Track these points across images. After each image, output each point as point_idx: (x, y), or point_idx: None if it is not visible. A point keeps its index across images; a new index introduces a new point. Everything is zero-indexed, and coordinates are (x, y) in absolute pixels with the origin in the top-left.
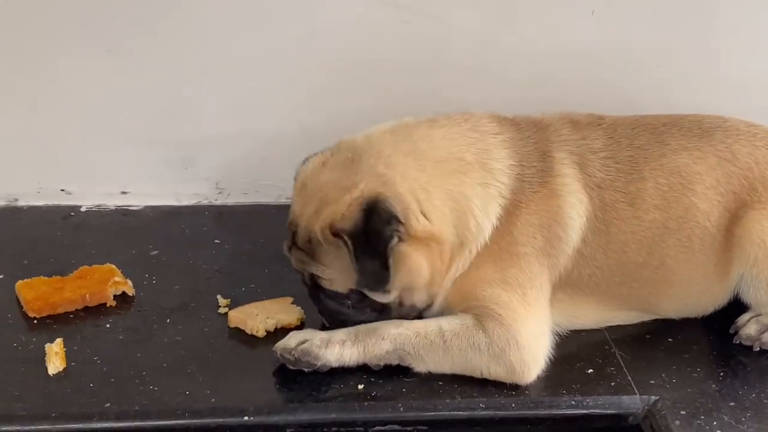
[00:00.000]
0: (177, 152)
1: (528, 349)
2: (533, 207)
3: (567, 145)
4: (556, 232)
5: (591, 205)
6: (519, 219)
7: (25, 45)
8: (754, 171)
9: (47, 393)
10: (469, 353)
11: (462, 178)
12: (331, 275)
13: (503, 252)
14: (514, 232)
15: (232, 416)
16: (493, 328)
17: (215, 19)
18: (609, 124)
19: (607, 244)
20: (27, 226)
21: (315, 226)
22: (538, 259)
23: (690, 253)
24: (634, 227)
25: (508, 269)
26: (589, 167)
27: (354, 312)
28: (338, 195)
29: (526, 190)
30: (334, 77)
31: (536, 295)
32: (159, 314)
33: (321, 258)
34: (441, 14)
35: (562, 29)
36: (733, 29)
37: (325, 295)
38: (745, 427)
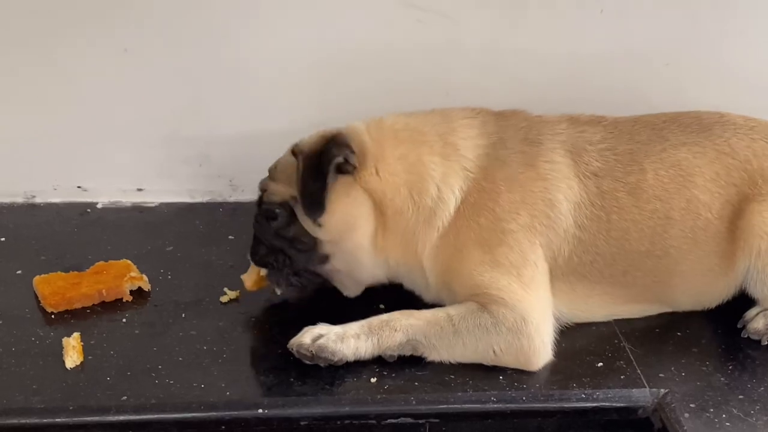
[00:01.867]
0: (191, 150)
1: (535, 327)
2: (516, 186)
3: (560, 136)
4: (543, 210)
5: (585, 192)
6: (500, 197)
7: (43, 45)
8: (752, 163)
9: (65, 386)
10: (478, 334)
11: (419, 146)
12: (272, 187)
13: (485, 230)
14: (495, 210)
15: (247, 409)
16: (497, 309)
17: (230, 21)
18: (609, 122)
19: (608, 231)
20: (44, 223)
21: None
22: (526, 236)
23: (693, 243)
24: (635, 216)
25: (496, 248)
26: (584, 157)
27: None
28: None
29: (505, 169)
30: (345, 77)
31: (532, 273)
32: (174, 309)
33: (274, 174)
34: (453, 14)
35: (572, 28)
36: (743, 28)
37: (259, 213)
38: (753, 419)
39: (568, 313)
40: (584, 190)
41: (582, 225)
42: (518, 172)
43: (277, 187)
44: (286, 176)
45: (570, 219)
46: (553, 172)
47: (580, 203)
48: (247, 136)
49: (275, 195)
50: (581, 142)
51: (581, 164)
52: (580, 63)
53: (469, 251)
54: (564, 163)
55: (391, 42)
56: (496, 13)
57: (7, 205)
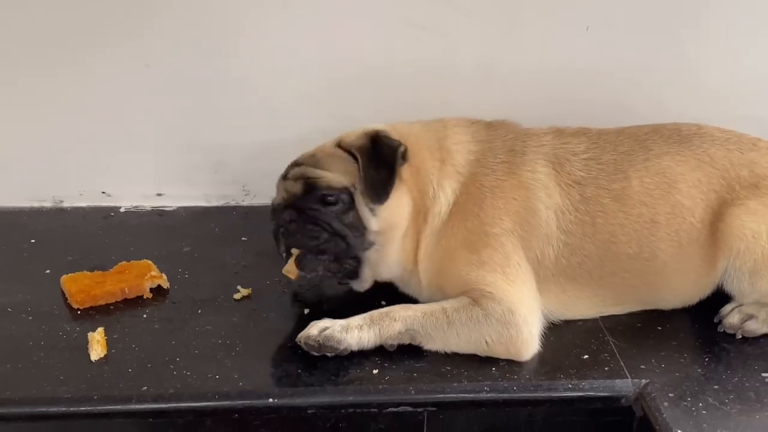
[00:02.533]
0: (208, 158)
1: (523, 318)
2: (499, 193)
3: (543, 148)
4: (524, 217)
5: (567, 200)
6: (484, 203)
7: (71, 61)
8: (730, 171)
9: (90, 377)
10: (470, 325)
11: (422, 151)
12: (329, 175)
13: (472, 234)
14: (480, 215)
15: (259, 398)
16: (486, 303)
17: (244, 38)
18: (594, 133)
19: (594, 234)
20: (71, 226)
21: (323, 146)
22: (509, 240)
23: (679, 246)
24: (621, 220)
25: (481, 250)
26: (566, 167)
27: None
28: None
29: (490, 177)
30: (352, 89)
31: (516, 272)
32: (191, 305)
33: (324, 164)
34: (450, 32)
35: (560, 45)
36: (718, 44)
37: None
38: (728, 408)
39: (558, 312)
40: (567, 198)
41: (567, 229)
42: (502, 180)
43: (333, 175)
44: (341, 167)
45: (552, 224)
46: (534, 181)
47: (562, 209)
48: (259, 145)
49: (334, 182)
50: (564, 153)
51: (563, 174)
52: (567, 77)
53: (458, 252)
54: (545, 172)
55: (392, 58)
56: (489, 32)
57: (36, 209)
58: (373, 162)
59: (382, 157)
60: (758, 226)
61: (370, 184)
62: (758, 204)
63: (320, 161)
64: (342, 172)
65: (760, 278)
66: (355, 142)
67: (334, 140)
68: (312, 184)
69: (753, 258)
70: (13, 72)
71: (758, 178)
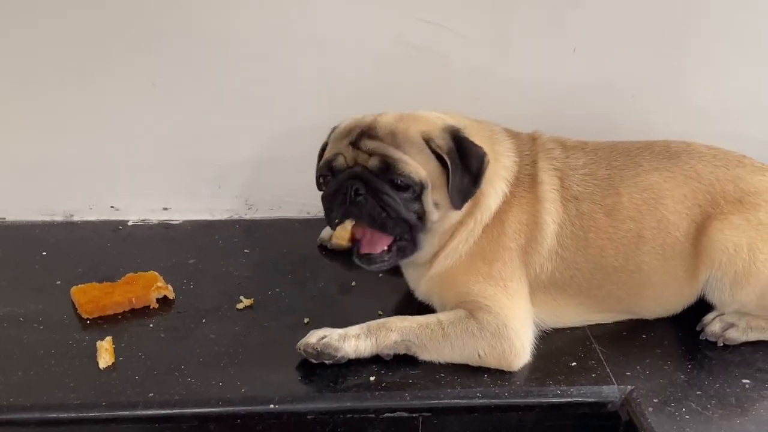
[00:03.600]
0: (212, 173)
1: (516, 332)
2: (525, 206)
3: (554, 160)
4: (535, 234)
5: (566, 214)
6: (510, 214)
7: (82, 82)
8: (715, 187)
9: (98, 384)
10: (464, 338)
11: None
12: (410, 163)
13: (493, 244)
14: (504, 225)
15: (260, 405)
16: (482, 316)
17: (246, 61)
18: (591, 148)
19: (585, 248)
20: (81, 239)
21: (406, 129)
22: (519, 256)
23: (663, 259)
24: (611, 235)
25: (494, 263)
26: (567, 181)
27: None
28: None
29: (519, 188)
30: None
31: (516, 287)
32: (196, 315)
33: (405, 148)
34: (443, 51)
35: (549, 65)
36: (701, 64)
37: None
38: (710, 413)
39: (549, 321)
40: (566, 212)
41: (563, 244)
42: (527, 192)
43: (414, 164)
44: (421, 158)
45: (554, 240)
46: (545, 195)
47: (562, 223)
48: (261, 161)
49: (414, 172)
50: (566, 167)
51: (564, 189)
52: (556, 94)
53: (472, 260)
54: (552, 187)
55: (388, 75)
56: (480, 52)
57: (48, 222)
58: (460, 168)
59: (468, 164)
60: (740, 240)
61: (456, 191)
62: (741, 219)
63: (402, 144)
64: (422, 163)
65: (741, 289)
66: (442, 142)
67: (416, 127)
68: (390, 165)
69: (734, 270)
70: (26, 93)
71: (743, 194)
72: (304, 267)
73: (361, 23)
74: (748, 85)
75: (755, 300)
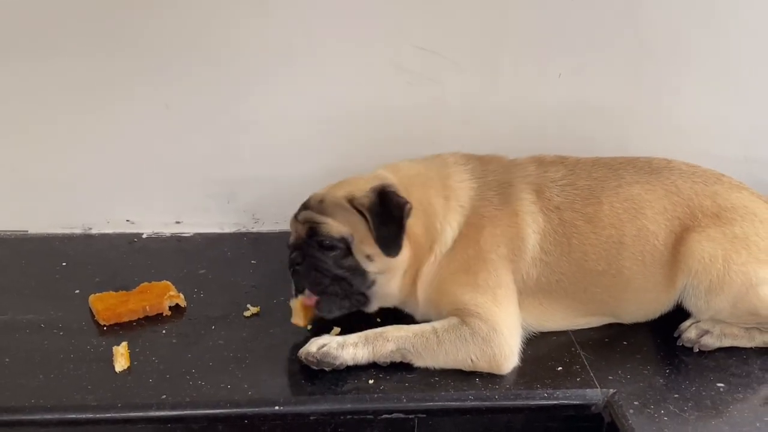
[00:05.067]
0: (221, 189)
1: (505, 337)
2: (497, 222)
3: (528, 177)
4: (517, 243)
5: (548, 223)
6: (484, 231)
7: (100, 103)
8: (694, 201)
9: (114, 387)
10: (458, 344)
11: (428, 190)
12: (331, 223)
13: (472, 259)
14: (480, 242)
15: (266, 406)
16: (474, 322)
17: (255, 84)
18: (571, 161)
19: (569, 254)
20: (98, 250)
21: (333, 194)
22: (503, 264)
23: (643, 265)
24: (592, 240)
25: (479, 273)
26: (547, 193)
27: (335, 267)
28: (354, 183)
29: (488, 208)
30: (349, 130)
31: (504, 293)
32: (206, 322)
33: (329, 212)
34: (438, 78)
35: (536, 89)
36: (678, 89)
37: (315, 244)
38: (687, 415)
39: (536, 325)
40: (548, 222)
41: (547, 250)
42: (499, 209)
43: (335, 223)
44: (343, 217)
45: (537, 247)
46: (523, 209)
47: (545, 232)
48: (268, 178)
49: (335, 230)
50: (545, 180)
51: (545, 200)
52: (543, 116)
53: (457, 275)
54: (530, 200)
55: (386, 100)
56: (473, 78)
57: (67, 235)
58: (382, 219)
59: (390, 214)
60: (715, 251)
61: (382, 241)
62: (717, 232)
63: (325, 208)
64: (344, 221)
65: (715, 297)
66: (364, 199)
67: (344, 190)
68: (314, 230)
69: (709, 279)
70: (49, 117)
71: (720, 209)
72: None
73: (361, 50)
74: (722, 108)
75: (728, 308)
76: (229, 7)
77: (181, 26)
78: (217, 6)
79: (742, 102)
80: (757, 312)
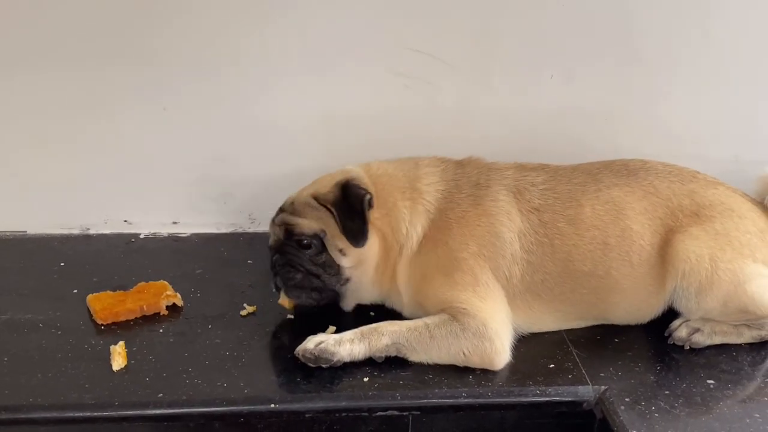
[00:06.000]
0: (218, 190)
1: (495, 331)
2: (464, 222)
3: (506, 180)
4: (489, 240)
5: (527, 223)
6: (452, 231)
7: (98, 105)
8: (673, 201)
9: (111, 385)
10: (449, 339)
11: (394, 192)
12: (302, 222)
13: (443, 259)
14: (449, 242)
15: (262, 404)
16: (462, 318)
17: (251, 86)
18: (552, 168)
19: (552, 254)
20: (96, 250)
21: (302, 194)
22: (477, 262)
23: (630, 266)
24: (576, 241)
25: (453, 272)
26: (525, 195)
27: (309, 264)
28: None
29: (456, 210)
30: (345, 131)
31: (485, 290)
32: (202, 321)
33: (300, 212)
34: (434, 81)
35: (528, 92)
36: (667, 92)
37: (294, 244)
38: (677, 411)
39: (526, 326)
40: (527, 222)
41: (529, 249)
42: (467, 210)
43: (306, 221)
44: (314, 214)
45: (516, 245)
46: (497, 209)
47: (524, 232)
48: (264, 179)
49: (307, 228)
50: (524, 183)
51: (523, 201)
52: (534, 119)
53: (432, 276)
54: (506, 200)
55: (383, 103)
56: (467, 80)
57: (66, 235)
58: (346, 212)
59: (352, 207)
60: (701, 251)
61: (348, 233)
62: (699, 230)
63: (297, 209)
64: (314, 218)
65: (705, 297)
66: (328, 195)
67: (311, 188)
68: (290, 231)
69: (698, 279)
70: (47, 119)
71: (698, 207)
72: None
73: (357, 53)
74: (713, 111)
75: (719, 307)
76: (227, 12)
77: (179, 31)
78: (215, 11)
79: (733, 104)
80: (747, 309)
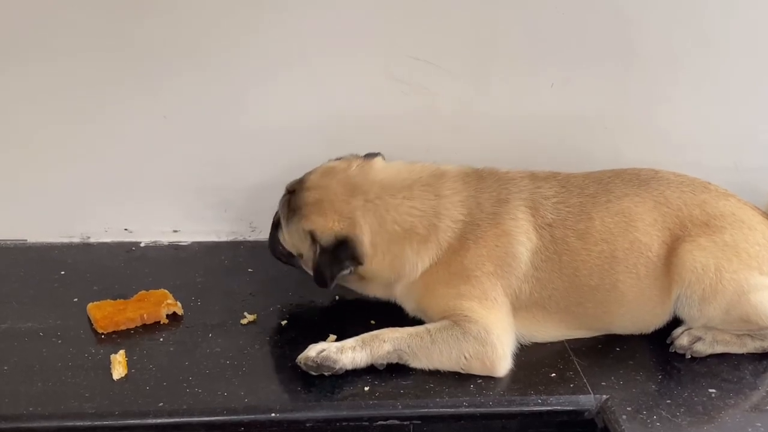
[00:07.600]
0: (218, 198)
1: (497, 336)
2: (482, 243)
3: (523, 193)
4: (506, 260)
5: (540, 241)
6: (469, 252)
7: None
8: (683, 211)
9: (112, 394)
10: (451, 342)
11: (406, 244)
12: (286, 238)
13: (454, 276)
14: (464, 262)
15: (262, 413)
16: (464, 323)
17: (251, 93)
18: (563, 177)
19: (560, 269)
20: (97, 259)
21: (305, 218)
22: (489, 279)
23: (637, 278)
24: (583, 256)
25: (460, 286)
26: (540, 210)
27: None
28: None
29: (476, 231)
30: (344, 138)
31: (491, 304)
32: (203, 330)
33: (290, 226)
34: (431, 87)
35: (527, 99)
36: (667, 100)
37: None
38: (679, 420)
39: (529, 336)
40: (540, 239)
41: (538, 266)
42: (486, 230)
43: (287, 238)
44: (294, 232)
45: (528, 264)
46: (516, 228)
47: (537, 250)
48: (264, 187)
49: (288, 245)
50: (538, 197)
51: (538, 217)
52: (534, 126)
53: (437, 289)
54: (524, 218)
55: (381, 108)
56: (465, 86)
57: (66, 244)
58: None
59: (333, 261)
60: (707, 261)
61: (316, 275)
62: (707, 241)
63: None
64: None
65: (708, 305)
66: (323, 241)
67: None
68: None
69: (702, 288)
70: (48, 127)
71: (709, 217)
72: (303, 285)
73: (355, 60)
74: (712, 118)
75: (721, 315)
76: (227, 20)
77: (178, 38)
78: (214, 18)
79: (733, 111)
80: (749, 319)
